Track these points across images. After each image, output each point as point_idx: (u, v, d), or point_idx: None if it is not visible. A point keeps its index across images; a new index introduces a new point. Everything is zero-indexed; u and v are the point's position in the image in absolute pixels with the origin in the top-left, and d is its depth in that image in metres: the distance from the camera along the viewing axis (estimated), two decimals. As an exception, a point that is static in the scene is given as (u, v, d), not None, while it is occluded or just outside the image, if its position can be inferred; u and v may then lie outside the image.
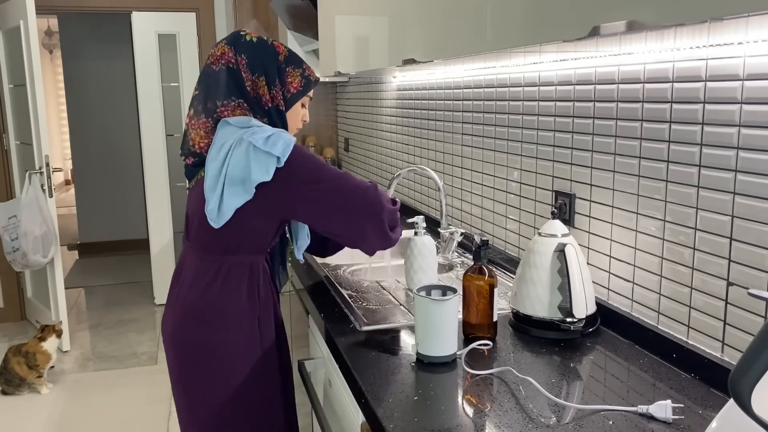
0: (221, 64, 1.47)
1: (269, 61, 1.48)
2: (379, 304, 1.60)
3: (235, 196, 1.37)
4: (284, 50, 1.52)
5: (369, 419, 1.10)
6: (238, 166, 1.36)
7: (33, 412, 3.05)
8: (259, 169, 1.35)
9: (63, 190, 9.09)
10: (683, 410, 1.04)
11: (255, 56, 1.47)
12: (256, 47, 1.48)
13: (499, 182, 1.92)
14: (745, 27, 1.04)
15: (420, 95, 2.51)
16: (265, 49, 1.49)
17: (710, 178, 1.14)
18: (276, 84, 1.49)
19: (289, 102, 1.52)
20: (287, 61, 1.51)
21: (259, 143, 1.35)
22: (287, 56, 1.52)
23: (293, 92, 1.52)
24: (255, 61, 1.47)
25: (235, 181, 1.36)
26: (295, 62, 1.53)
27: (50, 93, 9.20)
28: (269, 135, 1.36)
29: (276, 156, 1.35)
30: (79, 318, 4.38)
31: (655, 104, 1.25)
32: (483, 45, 1.32)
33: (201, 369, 1.49)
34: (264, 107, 1.49)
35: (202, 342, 1.49)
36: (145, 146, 4.40)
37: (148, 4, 4.30)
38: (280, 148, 1.35)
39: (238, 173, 1.36)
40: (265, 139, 1.35)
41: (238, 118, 1.44)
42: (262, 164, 1.35)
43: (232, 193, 1.37)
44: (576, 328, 1.33)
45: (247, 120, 1.43)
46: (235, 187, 1.37)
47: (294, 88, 1.52)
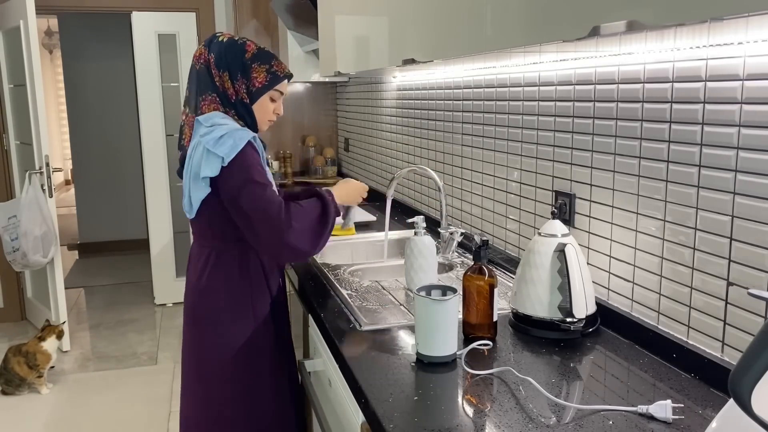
0: (200, 63, 1.65)
1: (233, 58, 1.63)
2: (379, 304, 1.60)
3: (197, 190, 1.58)
4: (253, 48, 1.66)
5: (369, 419, 1.10)
6: (196, 164, 1.56)
7: (33, 412, 3.05)
8: (207, 166, 1.53)
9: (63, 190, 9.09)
10: (683, 410, 1.04)
11: (221, 54, 1.63)
12: (224, 46, 1.64)
13: (499, 182, 1.92)
14: (745, 27, 1.04)
15: (420, 95, 2.51)
16: (232, 48, 1.64)
17: (710, 178, 1.14)
18: (239, 78, 1.63)
19: (253, 96, 1.65)
20: (254, 58, 1.65)
21: (209, 144, 1.53)
22: (255, 53, 1.65)
23: (258, 86, 1.65)
24: (220, 58, 1.63)
25: (196, 177, 1.57)
26: (263, 59, 1.66)
27: (50, 93, 9.19)
28: (221, 135, 1.53)
29: (221, 156, 1.52)
30: (79, 318, 4.38)
31: (655, 104, 1.25)
32: (483, 45, 1.32)
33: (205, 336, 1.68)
34: (230, 99, 1.64)
35: (204, 313, 1.67)
36: (145, 146, 4.40)
37: (148, 4, 4.30)
38: (226, 149, 1.52)
39: (195, 170, 1.57)
40: (215, 140, 1.53)
41: (207, 115, 1.61)
42: (210, 163, 1.53)
43: (196, 188, 1.58)
44: (576, 328, 1.33)
45: (211, 117, 1.60)
46: (197, 182, 1.57)
47: (259, 83, 1.64)
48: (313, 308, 1.64)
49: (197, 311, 1.69)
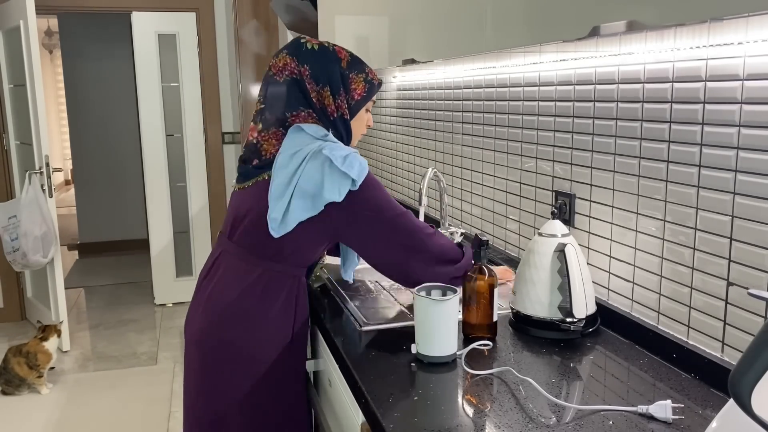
0: (285, 75, 1.44)
1: (332, 70, 1.43)
2: (379, 304, 1.60)
3: (302, 210, 1.35)
4: (346, 55, 1.47)
5: (369, 419, 1.10)
6: (311, 179, 1.33)
7: (33, 412, 3.05)
8: (333, 187, 1.32)
9: (63, 190, 9.09)
10: (683, 410, 1.04)
11: (318, 65, 1.43)
12: (319, 56, 1.44)
13: (499, 182, 1.92)
14: (745, 27, 1.04)
15: (420, 95, 2.51)
16: (327, 57, 1.44)
17: (710, 178, 1.14)
18: (340, 93, 1.44)
19: (353, 109, 1.48)
20: (350, 66, 1.46)
21: (337, 161, 1.32)
22: (350, 61, 1.47)
23: (357, 99, 1.47)
24: (318, 70, 1.42)
25: (305, 195, 1.34)
26: (358, 67, 1.47)
27: (50, 93, 9.20)
28: (347, 154, 1.34)
29: (351, 178, 1.33)
30: (79, 318, 4.38)
31: (655, 104, 1.25)
32: (483, 45, 1.32)
33: (226, 369, 1.47)
34: (330, 117, 1.45)
35: (232, 342, 1.46)
36: (145, 146, 4.40)
37: (148, 4, 4.30)
38: (357, 171, 1.33)
39: (310, 187, 1.33)
40: (343, 158, 1.32)
41: (313, 126, 1.40)
42: (336, 183, 1.32)
43: (300, 206, 1.35)
44: (576, 328, 1.33)
45: (322, 131, 1.40)
46: (305, 201, 1.34)
47: (358, 95, 1.47)
48: (313, 308, 1.64)
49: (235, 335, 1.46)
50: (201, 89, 4.47)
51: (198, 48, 4.44)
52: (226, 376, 1.47)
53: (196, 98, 4.47)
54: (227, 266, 1.49)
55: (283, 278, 1.46)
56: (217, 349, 1.48)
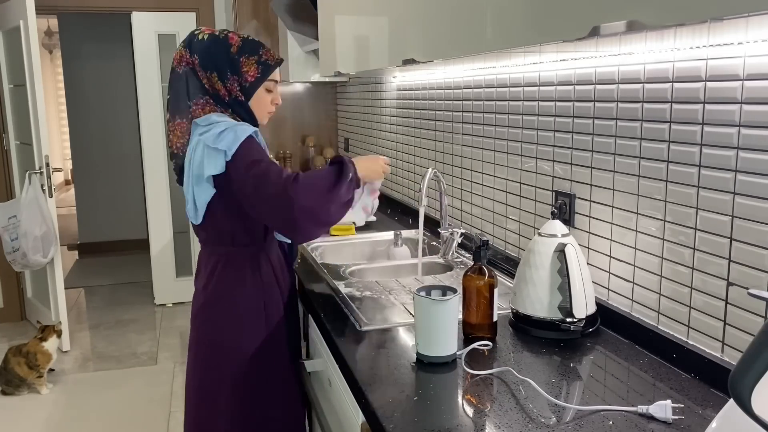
0: (183, 66, 1.56)
1: (219, 56, 1.53)
2: (379, 304, 1.60)
3: (202, 192, 1.50)
4: (237, 41, 1.55)
5: (369, 419, 1.10)
6: (198, 164, 1.48)
7: (33, 412, 3.05)
8: (210, 164, 1.46)
9: (63, 190, 9.09)
10: (683, 410, 1.04)
11: (205, 54, 1.53)
12: (206, 45, 1.54)
13: (499, 182, 1.92)
14: (745, 27, 1.04)
15: (420, 95, 2.51)
16: (216, 45, 1.54)
17: (710, 178, 1.14)
18: (229, 77, 1.53)
19: (248, 91, 1.56)
20: (240, 51, 1.54)
21: (209, 141, 1.45)
22: (240, 46, 1.54)
23: (251, 80, 1.55)
24: (205, 59, 1.53)
25: (199, 179, 1.49)
26: (250, 50, 1.55)
27: (50, 93, 9.19)
28: (221, 131, 1.46)
29: (222, 150, 1.44)
30: (79, 318, 4.38)
31: (655, 104, 1.25)
32: (483, 45, 1.32)
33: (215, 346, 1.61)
34: (224, 100, 1.55)
35: (214, 321, 1.60)
36: (145, 146, 4.40)
37: (148, 4, 4.30)
38: (227, 143, 1.44)
39: (197, 170, 1.48)
40: (216, 136, 1.45)
41: (204, 116, 1.53)
42: (213, 159, 1.46)
43: (200, 190, 1.50)
44: (576, 328, 1.33)
45: (208, 117, 1.52)
46: (201, 185, 1.49)
47: (251, 77, 1.55)
48: (313, 308, 1.64)
49: (206, 321, 1.61)
50: (201, 89, 4.47)
51: (198, 48, 4.43)
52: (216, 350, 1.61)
53: (196, 98, 4.47)
54: (200, 258, 1.67)
55: (241, 258, 1.59)
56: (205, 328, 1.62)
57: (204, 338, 1.63)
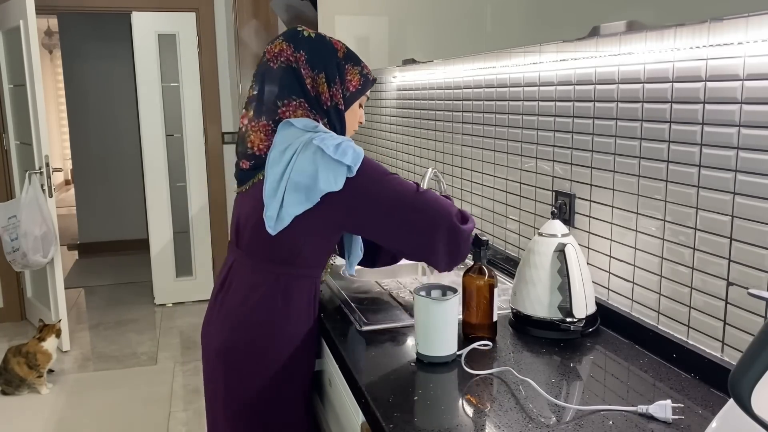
0: (280, 61, 1.41)
1: (329, 58, 1.42)
2: (379, 305, 1.60)
3: (297, 204, 1.30)
4: (342, 47, 1.46)
5: (369, 419, 1.10)
6: (304, 172, 1.29)
7: (33, 412, 3.05)
8: (328, 177, 1.27)
9: (63, 190, 9.09)
10: (683, 410, 1.04)
11: (315, 52, 1.41)
12: (316, 43, 1.42)
13: (499, 182, 1.92)
14: (745, 27, 1.04)
15: (420, 95, 2.51)
16: (325, 45, 1.43)
17: (710, 178, 1.14)
18: (336, 81, 1.42)
19: (348, 101, 1.46)
20: (346, 58, 1.45)
21: (329, 150, 1.27)
22: (346, 53, 1.45)
23: (352, 91, 1.45)
24: (315, 57, 1.40)
25: (298, 188, 1.29)
26: (354, 60, 1.47)
27: (50, 93, 9.20)
28: (339, 142, 1.29)
29: (347, 165, 1.27)
30: (79, 318, 4.38)
31: (655, 104, 1.25)
32: (483, 45, 1.32)
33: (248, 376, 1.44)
34: (323, 106, 1.42)
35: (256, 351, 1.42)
36: (145, 146, 4.40)
37: (148, 4, 4.30)
38: (351, 157, 1.28)
39: (303, 179, 1.29)
40: (335, 146, 1.28)
41: (302, 119, 1.37)
42: (331, 173, 1.27)
43: (294, 200, 1.30)
44: (576, 328, 1.33)
45: (312, 123, 1.36)
46: (298, 194, 1.30)
47: (353, 87, 1.45)
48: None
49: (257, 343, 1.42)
50: (201, 89, 4.47)
51: (198, 48, 4.44)
52: (248, 382, 1.45)
53: (196, 98, 4.47)
54: (241, 278, 1.45)
55: (300, 281, 1.42)
56: (241, 360, 1.44)
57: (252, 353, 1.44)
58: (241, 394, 1.45)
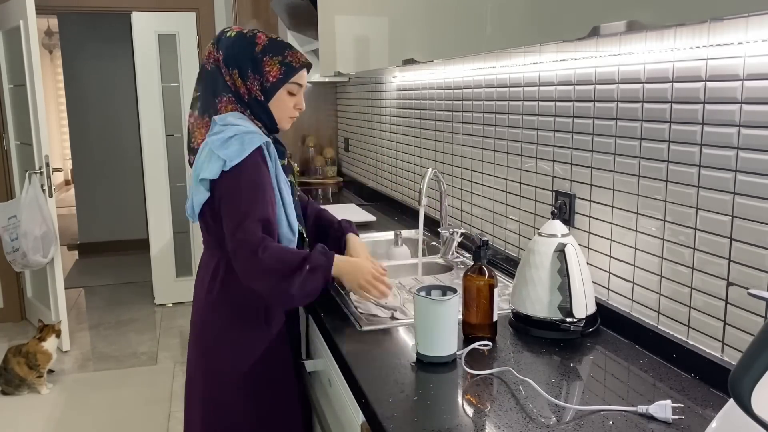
0: (210, 62, 1.56)
1: (242, 54, 1.52)
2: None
3: (198, 193, 1.49)
4: (264, 40, 1.53)
5: (369, 419, 1.10)
6: (200, 164, 1.48)
7: (33, 412, 3.05)
8: (208, 168, 1.44)
9: (63, 190, 9.09)
10: (683, 410, 1.04)
11: (229, 51, 1.53)
12: (232, 42, 1.53)
13: (499, 182, 1.92)
14: (745, 27, 1.04)
15: (420, 95, 2.51)
16: (240, 42, 1.53)
17: (710, 178, 1.14)
18: (249, 75, 1.52)
19: (268, 92, 1.53)
20: (265, 50, 1.52)
21: (215, 145, 1.44)
22: (265, 46, 1.52)
23: (272, 81, 1.52)
24: (229, 56, 1.52)
25: (196, 179, 1.49)
26: (275, 50, 1.53)
27: (50, 93, 9.19)
28: (230, 136, 1.44)
29: (222, 159, 1.42)
30: (79, 318, 4.38)
31: (655, 104, 1.25)
32: (483, 45, 1.32)
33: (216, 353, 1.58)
34: (243, 99, 1.54)
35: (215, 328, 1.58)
36: (145, 146, 4.40)
37: (148, 4, 4.30)
38: (231, 152, 1.42)
39: (197, 171, 1.48)
40: (222, 141, 1.44)
41: (225, 115, 1.51)
42: (212, 164, 1.44)
43: (197, 191, 1.49)
44: (576, 328, 1.33)
45: (226, 116, 1.50)
46: (198, 185, 1.48)
47: (273, 77, 1.52)
48: (313, 308, 1.64)
49: (207, 326, 1.59)
50: (201, 89, 4.47)
51: (198, 48, 4.43)
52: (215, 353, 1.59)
53: (196, 98, 4.47)
54: (201, 264, 1.66)
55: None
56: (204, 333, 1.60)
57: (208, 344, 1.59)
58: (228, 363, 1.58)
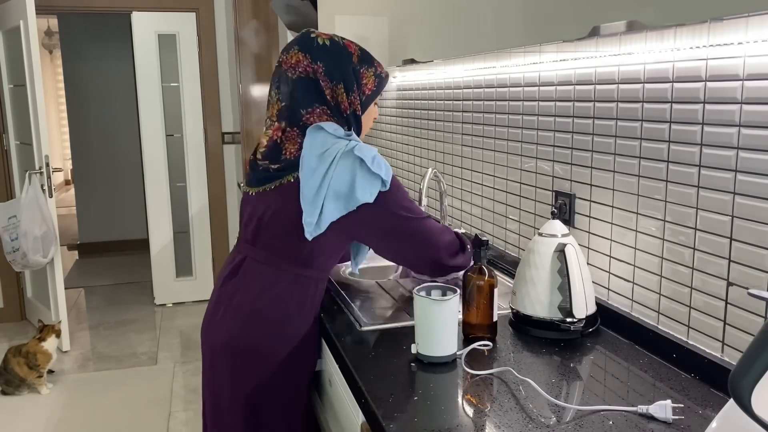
0: (298, 72, 1.43)
1: (345, 66, 1.43)
2: (379, 304, 1.60)
3: (335, 211, 1.35)
4: (356, 50, 1.46)
5: (369, 419, 1.10)
6: (343, 180, 1.34)
7: (33, 412, 3.05)
8: (365, 188, 1.33)
9: (63, 190, 9.09)
10: (683, 410, 1.04)
11: (331, 63, 1.42)
12: (331, 52, 1.43)
13: (499, 182, 1.92)
14: (745, 27, 1.04)
15: (420, 95, 2.51)
16: (340, 53, 1.44)
17: (710, 178, 1.14)
18: (354, 89, 1.44)
19: (365, 104, 1.48)
20: (361, 61, 1.46)
21: (368, 161, 1.33)
22: (360, 56, 1.46)
23: (368, 94, 1.47)
24: (332, 68, 1.42)
25: (339, 196, 1.34)
26: (368, 61, 1.47)
27: (50, 93, 9.20)
28: (374, 155, 1.35)
29: (381, 179, 1.34)
30: (79, 318, 4.38)
31: (655, 104, 1.25)
32: (483, 45, 1.32)
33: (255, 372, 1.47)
34: (343, 114, 1.44)
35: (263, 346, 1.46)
36: (145, 146, 4.40)
37: (148, 4, 4.30)
38: (384, 171, 1.35)
39: (342, 188, 1.34)
40: (372, 158, 1.34)
41: (331, 124, 1.40)
42: (368, 184, 1.33)
43: (333, 208, 1.35)
44: (576, 328, 1.33)
45: (340, 128, 1.41)
46: (338, 202, 1.34)
47: (369, 90, 1.47)
48: (313, 308, 1.64)
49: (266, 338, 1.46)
50: (201, 89, 4.48)
51: (198, 48, 4.44)
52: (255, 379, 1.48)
53: (196, 98, 4.47)
54: (255, 273, 1.47)
55: (312, 282, 1.47)
56: (248, 354, 1.47)
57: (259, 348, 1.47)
58: (245, 385, 1.48)
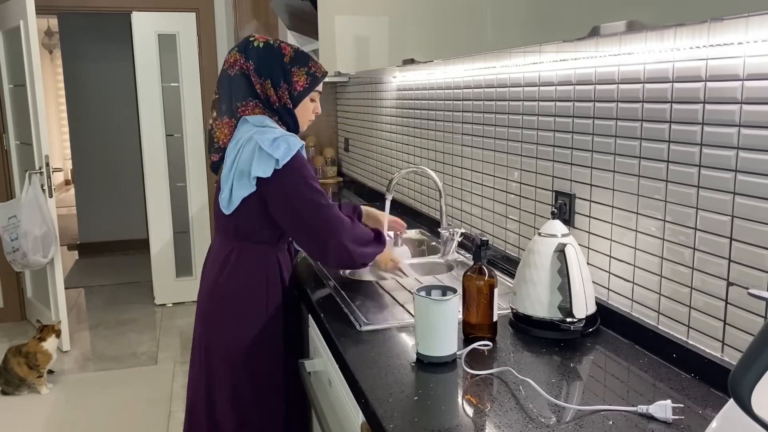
0: (235, 69, 1.64)
1: (274, 65, 1.63)
2: (379, 304, 1.60)
3: (242, 188, 1.57)
4: (290, 51, 1.66)
5: (369, 419, 1.10)
6: (246, 161, 1.55)
7: (33, 412, 3.05)
8: (259, 166, 1.53)
9: (63, 190, 9.09)
10: (683, 410, 1.04)
11: (261, 61, 1.63)
12: (263, 52, 1.64)
13: (499, 182, 1.92)
14: (745, 27, 1.04)
15: (420, 95, 2.51)
16: (271, 54, 1.64)
17: (710, 178, 1.14)
18: (281, 85, 1.64)
19: (296, 100, 1.67)
20: (293, 61, 1.65)
21: (265, 144, 1.52)
22: (293, 57, 1.65)
23: (300, 90, 1.66)
24: (261, 66, 1.63)
25: (242, 174, 1.56)
26: (301, 61, 1.66)
27: (50, 93, 9.19)
28: (276, 137, 1.53)
29: (275, 158, 1.52)
30: (79, 318, 4.38)
31: (655, 104, 1.25)
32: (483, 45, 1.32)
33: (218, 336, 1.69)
34: (273, 106, 1.65)
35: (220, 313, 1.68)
36: (145, 146, 4.40)
37: (148, 4, 4.30)
38: (281, 152, 1.52)
39: (245, 167, 1.55)
40: (270, 141, 1.52)
41: (256, 116, 1.62)
42: (263, 163, 1.53)
43: (240, 185, 1.57)
44: (576, 328, 1.33)
45: (262, 119, 1.62)
46: (242, 180, 1.56)
47: (300, 86, 1.66)
48: (313, 308, 1.64)
49: (212, 311, 1.70)
50: (201, 89, 4.47)
51: (198, 48, 4.43)
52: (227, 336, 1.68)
53: (196, 98, 4.47)
54: (215, 254, 1.73)
55: (252, 254, 1.67)
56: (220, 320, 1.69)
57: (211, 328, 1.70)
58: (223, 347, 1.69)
